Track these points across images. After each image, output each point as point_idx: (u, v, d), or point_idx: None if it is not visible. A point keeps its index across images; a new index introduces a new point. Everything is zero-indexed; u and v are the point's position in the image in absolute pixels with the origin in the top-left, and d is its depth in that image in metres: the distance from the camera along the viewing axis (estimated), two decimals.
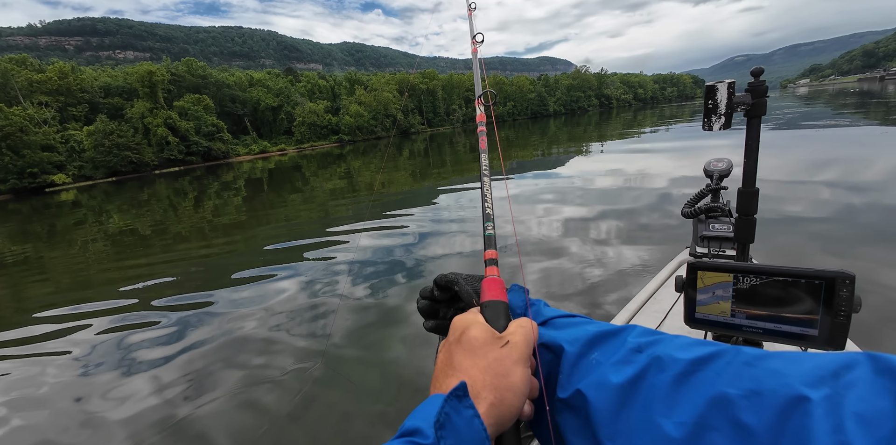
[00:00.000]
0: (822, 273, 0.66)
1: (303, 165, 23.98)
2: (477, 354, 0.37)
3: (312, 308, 3.21)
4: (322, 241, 5.31)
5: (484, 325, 0.39)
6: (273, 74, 79.46)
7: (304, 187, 13.00)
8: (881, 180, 5.26)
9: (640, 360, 0.33)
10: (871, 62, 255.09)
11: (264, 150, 62.78)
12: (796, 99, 38.47)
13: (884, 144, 8.12)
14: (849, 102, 24.48)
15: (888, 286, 2.64)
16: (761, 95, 0.97)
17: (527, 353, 0.37)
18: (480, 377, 0.35)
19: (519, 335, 0.38)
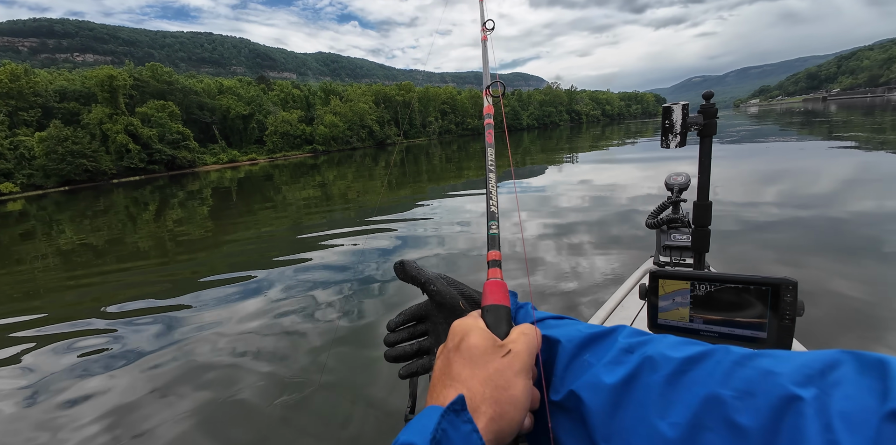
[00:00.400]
0: (767, 280, 0.72)
1: (275, 176, 23.33)
2: (477, 363, 0.35)
3: (286, 323, 3.03)
4: (294, 252, 5.10)
5: (485, 331, 0.37)
6: (244, 81, 77.77)
7: (277, 197, 12.60)
8: (825, 192, 5.68)
9: (631, 360, 0.32)
10: (815, 84, 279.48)
11: (234, 159, 60.82)
12: (748, 117, 41.34)
13: (826, 159, 8.80)
14: (795, 120, 26.56)
15: (833, 290, 2.80)
16: (712, 117, 1.04)
17: (529, 363, 0.35)
18: (480, 389, 0.33)
19: (521, 343, 0.36)
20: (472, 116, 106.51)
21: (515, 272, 3.59)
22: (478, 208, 6.74)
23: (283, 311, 3.30)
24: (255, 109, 67.77)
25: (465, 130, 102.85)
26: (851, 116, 24.99)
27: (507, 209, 6.37)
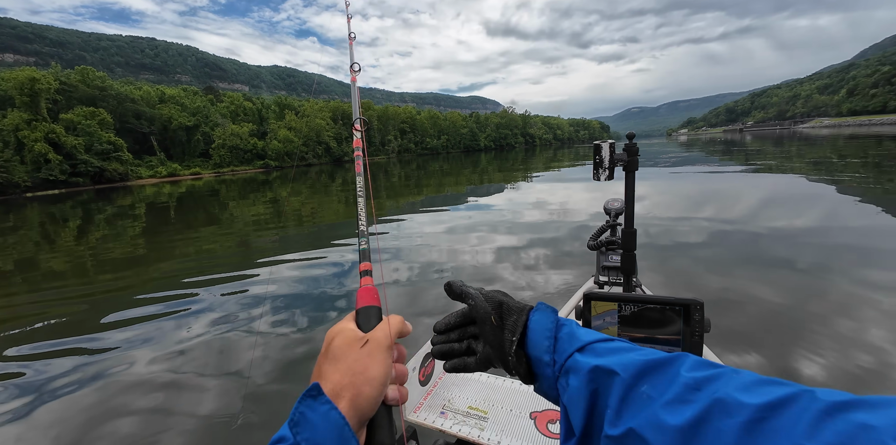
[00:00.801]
0: (680, 301, 0.80)
1: (221, 191, 21.90)
2: (339, 359, 0.40)
3: (220, 349, 2.70)
4: (239, 274, 4.69)
5: (349, 330, 0.43)
6: (190, 91, 73.56)
7: (222, 214, 11.75)
8: (744, 211, 6.34)
9: (699, 400, 0.30)
10: (733, 117, 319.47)
11: (174, 173, 56.60)
12: (679, 145, 45.83)
13: (744, 183, 9.86)
14: (717, 148, 29.81)
15: (755, 297, 3.03)
16: (634, 154, 1.14)
17: (386, 344, 0.41)
18: (340, 378, 0.38)
19: (379, 331, 0.42)
20: (432, 136, 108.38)
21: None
22: (436, 228, 6.70)
23: (216, 338, 2.97)
24: (200, 121, 64.05)
25: (424, 149, 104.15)
26: (764, 146, 28.55)
27: (461, 233, 6.39)
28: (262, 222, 9.40)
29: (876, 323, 2.62)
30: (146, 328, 3.38)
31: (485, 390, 1.07)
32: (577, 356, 0.40)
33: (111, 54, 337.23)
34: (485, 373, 1.14)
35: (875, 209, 5.96)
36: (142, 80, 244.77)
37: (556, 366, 0.42)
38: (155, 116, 59.84)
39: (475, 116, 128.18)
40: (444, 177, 20.12)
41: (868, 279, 3.37)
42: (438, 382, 1.12)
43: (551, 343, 0.43)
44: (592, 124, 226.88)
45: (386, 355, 0.41)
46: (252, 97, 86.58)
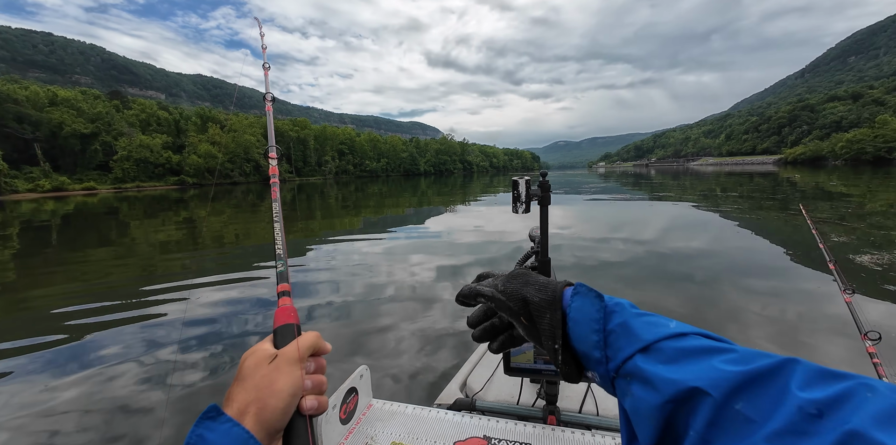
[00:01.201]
0: None
1: (121, 210, 19.16)
2: (246, 379, 0.41)
3: (123, 389, 2.17)
4: (139, 308, 3.96)
5: (261, 350, 0.44)
6: (90, 94, 65.05)
7: (121, 238, 10.15)
8: (652, 235, 7.12)
9: (822, 432, 0.23)
10: (640, 153, 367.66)
11: (60, 187, 48.78)
12: (598, 176, 51.10)
13: (651, 210, 11.17)
14: (629, 181, 33.65)
15: (663, 309, 3.34)
16: (547, 190, 1.22)
17: (294, 356, 0.43)
18: (245, 396, 0.39)
19: (289, 347, 0.44)
20: (371, 159, 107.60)
21: (401, 315, 3.40)
22: (373, 250, 6.45)
23: (109, 391, 2.42)
24: (101, 129, 56.63)
25: (363, 171, 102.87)
26: (665, 179, 32.91)
27: (406, 248, 6.26)
28: (174, 245, 8.29)
29: (757, 325, 3.09)
30: (18, 362, 2.65)
31: (410, 423, 1.02)
32: (639, 361, 0.34)
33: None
34: (411, 405, 1.09)
35: (748, 232, 7.14)
36: (30, 78, 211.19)
37: (611, 364, 0.36)
38: (42, 120, 51.65)
39: (415, 141, 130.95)
40: (383, 199, 19.86)
41: (748, 287, 4.08)
42: (361, 418, 1.04)
43: (601, 338, 0.37)
44: (525, 154, 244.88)
45: (294, 367, 0.42)
46: (169, 106, 79.07)
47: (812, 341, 2.90)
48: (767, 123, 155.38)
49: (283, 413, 0.39)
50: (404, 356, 2.83)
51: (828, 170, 41.24)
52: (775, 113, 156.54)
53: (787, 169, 49.90)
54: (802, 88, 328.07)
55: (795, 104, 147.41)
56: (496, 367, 1.45)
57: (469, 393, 1.37)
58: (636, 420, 0.33)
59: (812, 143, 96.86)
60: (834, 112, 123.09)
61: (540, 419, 1.06)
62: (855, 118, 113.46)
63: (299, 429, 0.41)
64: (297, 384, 0.41)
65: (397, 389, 2.43)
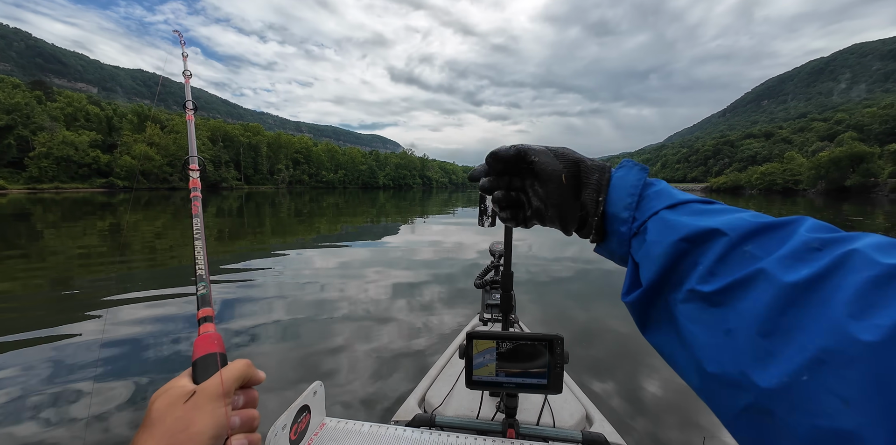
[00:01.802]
0: (544, 336, 0.88)
1: (34, 214, 16.89)
2: (155, 425, 0.35)
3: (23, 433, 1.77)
4: (51, 323, 3.39)
5: (175, 388, 0.38)
6: (8, 82, 57.89)
7: (30, 245, 8.86)
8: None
9: (820, 259, 0.24)
10: None
11: None
12: None
13: None
14: None
15: (607, 327, 3.48)
16: None
17: (216, 391, 0.37)
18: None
19: (210, 380, 0.38)
20: (328, 169, 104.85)
21: (361, 328, 3.24)
22: (326, 265, 6.16)
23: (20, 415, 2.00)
24: (17, 121, 50.40)
25: (318, 182, 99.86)
26: None
27: (362, 263, 6.08)
28: (95, 257, 7.36)
29: None
30: None
31: (366, 442, 0.99)
32: (664, 213, 0.35)
33: None
34: (367, 423, 1.03)
35: None
36: None
37: (635, 223, 0.37)
38: None
39: (375, 154, 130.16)
40: (339, 212, 19.28)
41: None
42: (313, 439, 0.99)
43: (634, 200, 0.38)
44: None
45: (216, 404, 0.36)
46: (101, 101, 72.33)
47: None
48: (696, 155, 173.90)
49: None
50: (360, 374, 2.69)
51: (745, 198, 46.59)
52: (702, 146, 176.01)
53: (712, 196, 55.70)
54: (724, 126, 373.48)
55: (719, 139, 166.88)
56: (455, 381, 1.44)
57: (428, 409, 1.35)
58: (645, 262, 0.34)
59: (732, 174, 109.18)
60: (750, 148, 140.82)
61: (499, 432, 1.06)
62: (767, 154, 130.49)
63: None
64: (219, 423, 0.36)
65: (352, 407, 2.30)
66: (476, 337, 0.91)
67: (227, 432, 0.36)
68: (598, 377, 2.63)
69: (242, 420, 0.38)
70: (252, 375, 0.41)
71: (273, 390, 2.50)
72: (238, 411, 0.39)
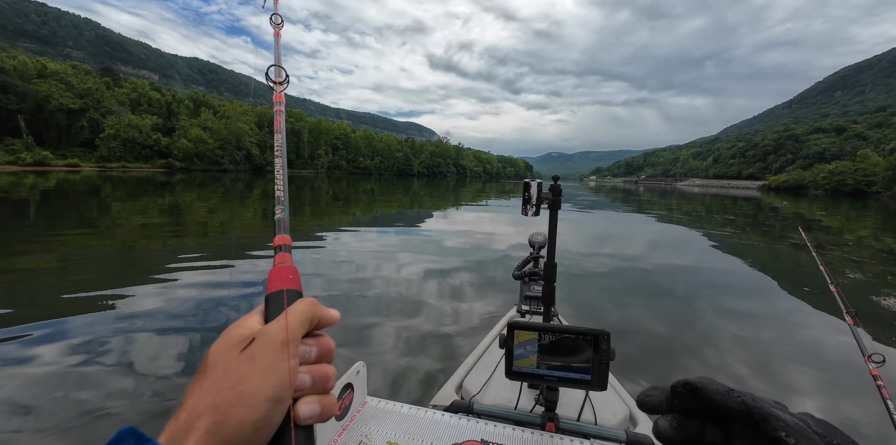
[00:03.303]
0: (590, 331, 0.86)
1: (104, 189, 18.63)
2: (206, 375, 0.28)
3: (86, 397, 2.10)
4: (117, 286, 3.85)
5: (238, 329, 0.31)
6: (81, 69, 63.14)
7: (102, 217, 9.87)
8: (637, 250, 7.22)
9: None
10: (630, 170, 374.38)
11: (42, 161, 47.29)
12: (589, 190, 51.89)
13: (639, 226, 11.38)
14: (619, 196, 34.23)
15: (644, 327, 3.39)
16: (558, 194, 1.25)
17: (278, 339, 0.29)
18: (196, 402, 0.26)
19: (273, 324, 0.30)
20: (366, 156, 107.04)
21: (392, 316, 3.38)
22: (361, 248, 6.41)
23: (86, 375, 2.34)
24: (89, 105, 55.09)
25: (356, 168, 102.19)
26: (653, 197, 33.60)
27: (395, 248, 6.24)
28: (155, 230, 8.09)
29: (730, 347, 3.12)
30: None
31: (405, 422, 1.00)
32: None
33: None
34: (406, 404, 1.08)
35: (728, 254, 7.28)
36: (19, 48, 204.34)
37: None
38: (28, 91, 50.05)
39: (411, 142, 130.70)
40: (374, 198, 19.75)
41: (724, 307, 4.18)
42: (356, 415, 1.02)
43: None
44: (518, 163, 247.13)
45: (277, 355, 0.28)
46: (162, 87, 77.36)
47: (814, 363, 2.95)
48: (754, 150, 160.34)
49: (254, 427, 0.26)
50: (397, 355, 2.80)
51: (809, 199, 42.72)
52: (762, 140, 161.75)
53: (770, 195, 51.45)
54: (789, 118, 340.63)
55: (782, 133, 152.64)
56: (493, 370, 1.44)
57: (465, 396, 1.35)
58: None
59: (795, 171, 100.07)
60: (818, 143, 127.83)
61: (538, 425, 1.05)
62: (837, 151, 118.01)
63: (300, 438, 0.28)
64: (278, 382, 0.28)
65: (390, 388, 2.40)
66: (518, 328, 0.91)
67: (291, 393, 0.28)
68: (634, 376, 2.60)
69: (315, 379, 0.30)
70: (322, 315, 0.33)
71: None
72: (309, 366, 0.31)
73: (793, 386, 2.61)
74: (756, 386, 2.59)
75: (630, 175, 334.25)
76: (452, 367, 2.50)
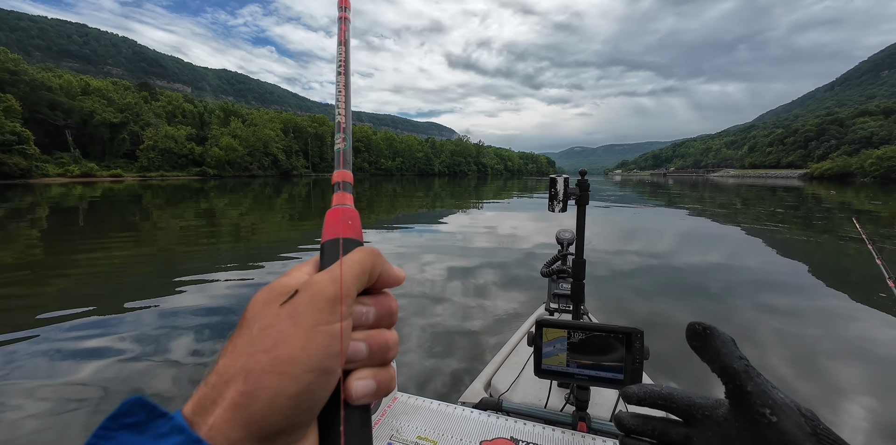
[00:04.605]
0: (623, 329, 0.84)
1: (145, 197, 19.74)
2: (242, 331, 0.22)
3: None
4: (160, 289, 4.10)
5: (276, 282, 0.24)
6: (120, 85, 67.16)
7: (144, 222, 10.49)
8: (668, 247, 6.97)
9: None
10: (658, 162, 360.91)
11: (89, 173, 50.41)
12: (614, 184, 50.32)
13: (669, 222, 10.95)
14: (646, 190, 33.09)
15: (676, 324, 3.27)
16: (586, 189, 1.22)
17: (327, 294, 0.22)
18: (230, 365, 0.21)
19: (325, 274, 0.23)
20: (387, 157, 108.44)
21: (417, 314, 3.42)
22: (385, 247, 6.51)
23: (134, 370, 2.52)
24: (129, 118, 58.40)
25: (378, 169, 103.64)
26: (684, 190, 32.25)
27: (420, 247, 6.29)
28: (192, 234, 8.52)
29: (772, 346, 2.96)
30: (44, 352, 2.78)
31: (434, 418, 1.01)
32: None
33: (31, 36, 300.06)
34: (435, 401, 1.09)
35: (768, 249, 6.86)
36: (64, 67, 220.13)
37: None
38: (74, 108, 53.62)
39: (431, 142, 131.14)
40: (396, 198, 19.98)
41: (764, 303, 3.94)
42: (386, 411, 1.04)
43: None
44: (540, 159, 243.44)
45: (324, 314, 0.22)
46: (194, 99, 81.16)
47: (865, 361, 2.78)
48: (794, 136, 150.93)
49: (291, 403, 0.20)
50: (425, 352, 2.84)
51: (856, 187, 39.83)
52: (802, 126, 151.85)
53: (813, 184, 48.38)
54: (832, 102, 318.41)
55: (824, 118, 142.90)
56: (522, 368, 1.43)
57: (494, 393, 1.35)
58: None
59: (840, 158, 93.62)
60: (864, 127, 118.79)
61: (569, 424, 1.03)
62: (886, 134, 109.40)
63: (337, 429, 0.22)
64: (325, 348, 0.21)
65: (418, 384, 2.44)
66: (546, 325, 0.90)
67: (341, 364, 0.22)
68: (669, 375, 2.53)
69: (372, 348, 0.24)
70: (384, 270, 0.26)
71: None
72: (366, 332, 0.24)
73: (839, 385, 2.46)
74: (799, 387, 2.46)
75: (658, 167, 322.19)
76: (480, 365, 2.51)
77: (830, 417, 2.15)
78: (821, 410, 2.20)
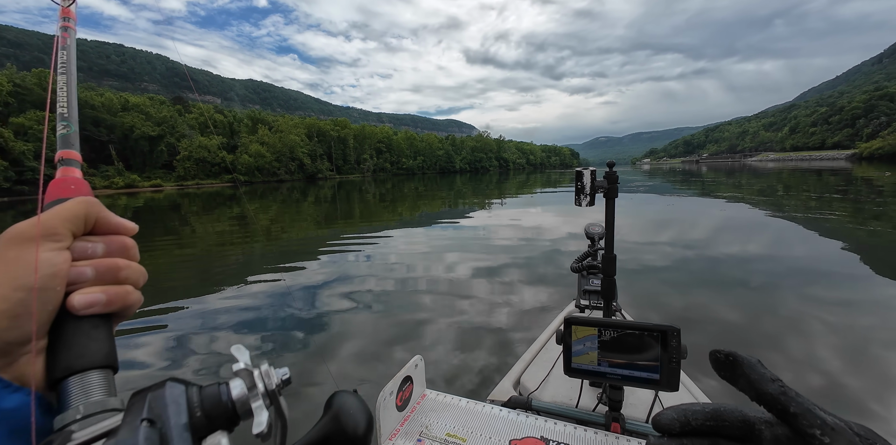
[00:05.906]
0: (658, 327, 0.81)
1: (183, 205, 20.83)
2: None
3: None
4: (201, 291, 4.34)
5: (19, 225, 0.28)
6: (156, 100, 71.06)
7: (183, 228, 11.10)
8: (704, 237, 6.68)
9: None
10: (690, 149, 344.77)
11: (132, 184, 53.67)
12: (643, 174, 48.52)
13: (704, 211, 10.46)
14: (678, 179, 31.74)
15: (714, 317, 3.12)
16: (614, 182, 1.19)
17: (27, 231, 0.27)
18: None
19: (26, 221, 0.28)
20: (408, 156, 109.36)
21: (442, 311, 3.44)
22: (411, 246, 6.59)
23: (182, 365, 2.68)
24: (166, 131, 61.75)
25: (399, 169, 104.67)
26: (718, 177, 30.69)
27: (444, 245, 6.31)
28: (228, 238, 8.93)
29: (822, 341, 2.77)
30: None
31: (464, 416, 1.02)
32: None
33: None
34: (464, 398, 1.09)
35: (814, 237, 6.44)
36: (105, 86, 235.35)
37: None
38: (116, 124, 57.18)
39: (451, 139, 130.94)
40: (419, 197, 20.14)
41: (811, 295, 3.70)
42: (416, 407, 1.06)
43: None
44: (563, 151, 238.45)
45: (22, 247, 0.26)
46: (223, 110, 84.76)
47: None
48: (839, 115, 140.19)
49: (9, 317, 0.24)
50: (453, 350, 2.86)
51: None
52: (848, 103, 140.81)
53: (862, 166, 44.80)
54: (880, 75, 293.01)
55: (872, 93, 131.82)
56: (552, 367, 1.40)
57: (523, 392, 1.33)
58: None
59: (892, 136, 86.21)
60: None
61: (602, 425, 1.01)
62: None
63: (70, 335, 0.26)
64: (24, 271, 0.25)
65: (446, 381, 2.45)
66: (575, 323, 0.87)
67: (62, 284, 0.27)
68: (708, 373, 2.43)
69: (99, 270, 0.29)
70: (103, 216, 0.32)
71: (368, 356, 2.85)
72: (93, 260, 0.30)
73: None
74: (849, 382, 2.31)
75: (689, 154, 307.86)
76: (509, 362, 2.50)
77: (884, 413, 2.01)
78: (873, 405, 2.07)
